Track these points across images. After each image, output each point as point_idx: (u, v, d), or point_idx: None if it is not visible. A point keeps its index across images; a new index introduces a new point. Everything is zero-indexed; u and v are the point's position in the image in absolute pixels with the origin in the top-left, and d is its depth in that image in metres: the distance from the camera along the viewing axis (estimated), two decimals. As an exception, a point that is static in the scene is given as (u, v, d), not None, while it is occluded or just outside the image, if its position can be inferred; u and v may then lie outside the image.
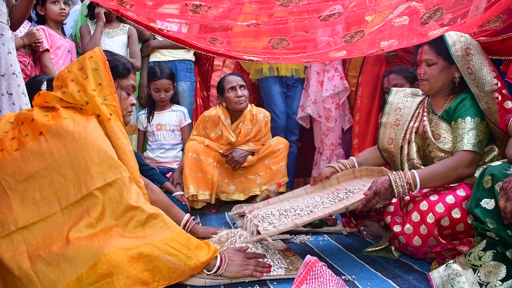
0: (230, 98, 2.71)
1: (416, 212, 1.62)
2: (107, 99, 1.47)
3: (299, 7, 1.83)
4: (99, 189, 1.30)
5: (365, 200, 1.62)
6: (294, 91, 3.19)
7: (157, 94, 2.96)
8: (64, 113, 1.40)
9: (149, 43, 3.21)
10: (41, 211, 1.28)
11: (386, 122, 2.06)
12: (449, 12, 1.89)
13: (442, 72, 1.82)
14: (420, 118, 1.95)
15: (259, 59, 2.25)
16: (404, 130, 1.97)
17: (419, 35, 1.98)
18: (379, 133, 2.09)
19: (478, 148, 1.68)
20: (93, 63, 1.48)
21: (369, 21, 2.36)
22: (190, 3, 1.84)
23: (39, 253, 1.21)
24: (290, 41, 2.08)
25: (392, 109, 2.06)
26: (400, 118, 2.01)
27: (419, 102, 2.00)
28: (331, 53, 2.24)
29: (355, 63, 2.95)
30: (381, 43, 2.08)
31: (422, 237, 1.58)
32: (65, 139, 1.34)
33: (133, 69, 1.67)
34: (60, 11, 2.75)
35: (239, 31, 2.03)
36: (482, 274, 1.35)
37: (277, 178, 2.72)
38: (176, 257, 1.31)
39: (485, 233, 1.41)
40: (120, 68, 1.58)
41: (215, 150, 2.71)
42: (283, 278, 1.56)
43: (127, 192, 1.32)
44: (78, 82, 1.45)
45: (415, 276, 1.58)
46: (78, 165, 1.31)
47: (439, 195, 1.63)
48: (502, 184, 1.33)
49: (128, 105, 1.63)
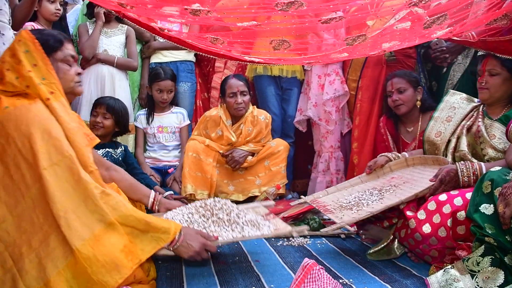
0: (230, 103, 2.75)
1: (433, 201, 1.65)
2: (45, 78, 1.42)
3: (299, 11, 1.83)
4: (47, 170, 1.28)
5: (433, 188, 1.68)
6: (289, 94, 3.18)
7: (160, 95, 2.96)
8: (6, 102, 1.37)
9: (150, 44, 3.22)
10: (9, 206, 1.27)
11: (438, 117, 2.12)
12: (453, 17, 1.89)
13: (504, 83, 1.88)
14: (473, 119, 1.99)
15: (260, 60, 2.25)
16: (455, 126, 2.02)
17: (421, 36, 1.98)
18: (427, 125, 2.15)
19: None
20: (23, 46, 1.42)
21: (370, 25, 2.36)
22: (190, 8, 1.85)
23: (21, 251, 1.23)
24: (291, 42, 2.08)
25: (446, 107, 2.13)
26: (453, 116, 2.07)
27: (473, 106, 2.05)
28: (332, 54, 2.24)
29: (355, 67, 2.95)
30: (382, 45, 2.08)
31: (432, 226, 1.60)
32: (9, 128, 1.31)
33: (67, 39, 1.59)
34: (56, 11, 2.72)
35: (240, 32, 2.03)
36: (480, 280, 1.35)
37: (276, 180, 2.73)
38: (131, 234, 1.34)
39: (484, 239, 1.40)
40: (51, 41, 1.51)
41: (215, 150, 2.72)
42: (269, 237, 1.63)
43: (76, 169, 1.31)
44: (14, 69, 1.41)
45: (413, 280, 1.57)
46: (26, 152, 1.29)
47: (459, 191, 1.65)
48: (501, 189, 1.33)
49: (73, 76, 1.55)
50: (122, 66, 3.02)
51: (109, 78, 2.94)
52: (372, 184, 2.09)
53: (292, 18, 2.09)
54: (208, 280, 1.61)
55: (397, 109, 2.52)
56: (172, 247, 1.43)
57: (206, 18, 1.87)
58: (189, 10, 1.83)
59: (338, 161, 3.04)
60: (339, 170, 3.03)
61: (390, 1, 2.13)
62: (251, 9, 1.87)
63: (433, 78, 2.82)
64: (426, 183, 1.75)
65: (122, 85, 3.00)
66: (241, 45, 2.19)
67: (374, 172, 2.20)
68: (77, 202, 1.29)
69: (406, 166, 2.13)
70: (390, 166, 2.18)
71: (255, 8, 1.88)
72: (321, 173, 3.04)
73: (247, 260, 1.83)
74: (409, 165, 2.11)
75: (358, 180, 2.22)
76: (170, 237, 1.40)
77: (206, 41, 2.10)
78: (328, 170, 3.03)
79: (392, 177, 2.06)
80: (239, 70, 3.35)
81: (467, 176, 1.67)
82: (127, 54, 3.08)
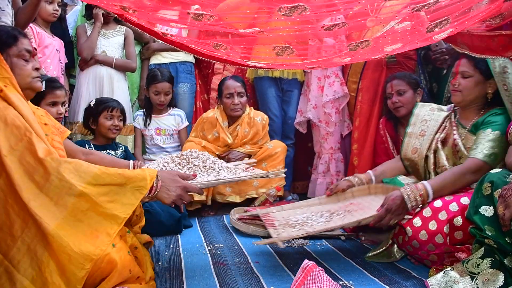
0: (226, 104, 2.76)
1: (429, 208, 1.64)
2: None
3: (302, 16, 1.82)
4: (7, 157, 1.26)
5: (378, 217, 1.64)
6: (290, 96, 3.19)
7: (157, 97, 2.96)
8: None
9: (150, 45, 3.21)
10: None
11: (411, 132, 2.09)
12: (455, 21, 1.89)
13: (477, 85, 1.85)
14: (447, 130, 1.97)
15: (263, 66, 2.24)
16: (429, 140, 1.99)
17: (423, 40, 1.98)
18: (403, 142, 2.11)
19: (490, 159, 1.69)
20: None
21: (371, 27, 2.36)
22: (192, 12, 1.84)
23: (7, 242, 1.22)
24: (294, 48, 2.08)
25: (418, 120, 2.09)
26: (426, 129, 2.04)
27: (445, 116, 2.03)
28: (334, 59, 2.24)
29: (356, 69, 2.95)
30: (385, 48, 2.08)
31: (429, 233, 1.59)
32: None
33: (22, 34, 1.57)
34: (53, 11, 2.72)
35: (243, 39, 2.03)
36: (479, 282, 1.35)
37: (274, 182, 2.73)
38: (111, 192, 1.32)
39: (484, 240, 1.40)
40: (4, 37, 1.49)
41: (212, 152, 2.71)
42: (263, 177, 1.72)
43: (34, 150, 1.29)
44: None
45: (413, 282, 1.58)
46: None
47: (454, 196, 1.65)
48: (501, 191, 1.33)
49: (30, 71, 1.52)
50: (121, 67, 3.02)
51: (107, 79, 2.94)
52: (328, 207, 2.02)
53: (295, 25, 2.09)
54: (208, 282, 1.61)
55: (396, 111, 2.52)
56: (153, 194, 1.42)
57: (210, 24, 1.87)
58: (192, 14, 1.82)
59: (338, 162, 3.04)
60: (339, 172, 3.03)
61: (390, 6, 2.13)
62: (254, 13, 1.86)
63: (434, 80, 2.82)
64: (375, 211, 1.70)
65: (121, 86, 3.00)
66: (244, 51, 2.18)
67: (335, 195, 2.10)
68: (42, 183, 1.27)
69: (368, 193, 2.05)
70: (352, 192, 2.08)
71: (258, 13, 1.87)
72: (321, 174, 3.04)
73: (247, 261, 1.83)
74: (371, 193, 2.04)
75: (317, 201, 2.14)
76: (148, 183, 1.38)
77: (209, 46, 2.09)
78: (328, 171, 3.03)
79: (350, 203, 2.00)
80: (238, 71, 3.35)
81: (414, 200, 1.64)
82: (126, 55, 3.08)
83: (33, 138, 1.32)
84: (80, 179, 1.30)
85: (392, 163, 2.22)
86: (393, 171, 2.14)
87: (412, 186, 1.68)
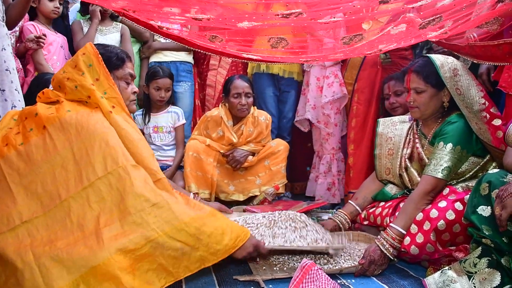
0: (233, 104, 2.74)
1: (413, 224, 1.65)
2: (107, 92, 1.47)
3: (299, 18, 1.83)
4: (100, 179, 1.30)
5: (361, 269, 1.64)
6: (286, 96, 3.20)
7: (157, 93, 2.92)
8: (68, 106, 1.41)
9: (151, 44, 3.20)
10: (44, 204, 1.28)
11: (380, 154, 2.11)
12: (447, 18, 1.90)
13: (431, 99, 1.86)
14: (412, 144, 1.99)
15: (258, 58, 2.25)
16: (399, 159, 2.01)
17: (417, 36, 1.99)
18: (375, 165, 2.14)
19: (443, 175, 1.72)
20: (87, 59, 1.48)
21: (367, 29, 2.36)
22: (191, 16, 1.85)
23: (44, 248, 1.22)
24: (289, 40, 2.08)
25: (383, 140, 2.12)
26: (393, 147, 2.06)
27: (408, 129, 2.04)
28: (330, 55, 2.24)
29: (351, 70, 2.95)
30: (379, 46, 2.09)
31: (418, 246, 1.61)
32: (68, 132, 1.34)
33: (128, 58, 1.64)
34: (54, 9, 2.71)
35: (239, 30, 2.03)
36: (477, 281, 1.37)
37: (276, 179, 2.74)
38: (180, 250, 1.33)
39: (481, 240, 1.42)
40: (114, 59, 1.57)
41: (216, 150, 2.72)
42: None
43: (129, 180, 1.31)
44: (75, 79, 1.45)
45: (410, 281, 1.59)
46: (80, 157, 1.32)
47: (432, 204, 1.68)
48: (498, 191, 1.35)
49: (130, 95, 1.62)
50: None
51: (105, 76, 2.92)
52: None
53: (292, 22, 2.10)
54: (207, 280, 1.60)
55: (394, 112, 2.53)
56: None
57: (208, 22, 1.88)
58: (191, 17, 1.84)
59: (339, 162, 3.04)
60: (340, 171, 3.03)
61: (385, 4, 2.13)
62: (252, 16, 1.87)
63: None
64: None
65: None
66: (239, 43, 2.18)
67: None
68: (121, 215, 1.28)
69: (349, 240, 1.99)
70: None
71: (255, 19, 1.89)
72: (322, 174, 3.02)
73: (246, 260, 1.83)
74: (353, 241, 2.00)
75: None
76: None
77: (204, 38, 2.09)
78: (330, 171, 3.01)
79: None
80: (232, 68, 3.34)
81: (391, 246, 1.66)
82: (123, 53, 3.05)
83: (131, 167, 1.34)
84: (162, 225, 1.31)
85: (369, 184, 2.20)
86: (373, 193, 2.14)
87: (383, 234, 1.70)
